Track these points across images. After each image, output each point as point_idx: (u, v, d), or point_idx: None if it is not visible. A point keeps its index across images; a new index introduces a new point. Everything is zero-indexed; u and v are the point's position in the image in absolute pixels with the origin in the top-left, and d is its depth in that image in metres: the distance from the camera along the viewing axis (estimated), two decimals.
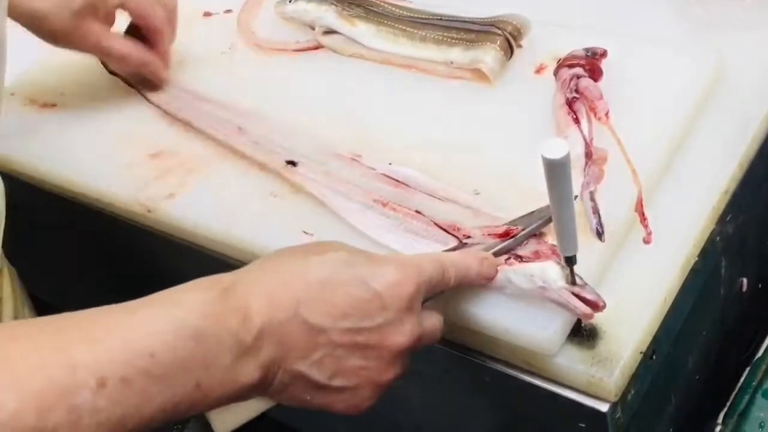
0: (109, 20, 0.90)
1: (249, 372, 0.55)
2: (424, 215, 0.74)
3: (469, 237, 0.71)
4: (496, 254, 0.68)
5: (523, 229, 0.69)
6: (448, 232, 0.72)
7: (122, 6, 0.89)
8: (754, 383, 0.83)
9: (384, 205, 0.76)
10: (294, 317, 0.57)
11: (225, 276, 0.58)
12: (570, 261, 0.62)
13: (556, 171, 0.55)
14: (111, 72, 0.98)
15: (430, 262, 0.62)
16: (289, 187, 0.81)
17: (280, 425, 1.16)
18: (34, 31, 0.87)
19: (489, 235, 0.70)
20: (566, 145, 0.53)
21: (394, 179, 0.78)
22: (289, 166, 0.81)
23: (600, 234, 0.69)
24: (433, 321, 0.63)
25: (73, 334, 0.51)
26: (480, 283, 0.67)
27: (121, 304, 0.55)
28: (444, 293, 0.64)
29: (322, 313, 0.57)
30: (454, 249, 0.70)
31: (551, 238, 0.68)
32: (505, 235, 0.69)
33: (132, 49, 0.91)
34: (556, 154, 0.53)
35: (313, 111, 0.89)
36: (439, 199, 0.75)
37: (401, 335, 0.59)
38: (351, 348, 0.58)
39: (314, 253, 0.60)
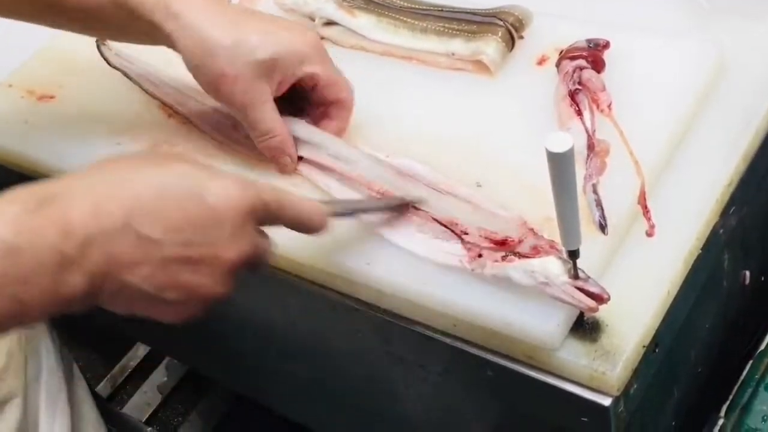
0: (280, 90, 0.78)
1: (74, 283, 0.54)
2: (422, 210, 0.73)
3: (466, 233, 0.70)
4: (340, 214, 0.70)
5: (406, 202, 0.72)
6: (446, 227, 0.71)
7: (312, 77, 0.78)
8: (756, 376, 0.83)
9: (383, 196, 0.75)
10: (123, 228, 0.55)
11: (43, 186, 0.56)
12: (573, 255, 0.62)
13: (560, 164, 0.54)
14: (111, 65, 0.97)
15: (271, 192, 0.62)
16: (290, 179, 0.81)
17: (289, 423, 1.16)
18: (197, 67, 0.75)
19: (486, 238, 0.69)
20: (570, 139, 0.53)
21: (396, 169, 0.77)
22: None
23: (603, 227, 0.68)
24: (265, 241, 0.63)
25: None
26: (309, 234, 0.67)
27: None
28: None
29: (155, 225, 0.56)
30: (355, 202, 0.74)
31: (546, 233, 0.67)
32: (502, 244, 0.68)
33: (282, 131, 0.78)
34: (560, 148, 0.53)
35: None
36: (438, 191, 0.74)
37: (233, 252, 0.59)
38: (183, 262, 0.58)
39: (151, 163, 0.60)
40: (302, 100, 0.81)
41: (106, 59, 0.97)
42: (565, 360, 0.64)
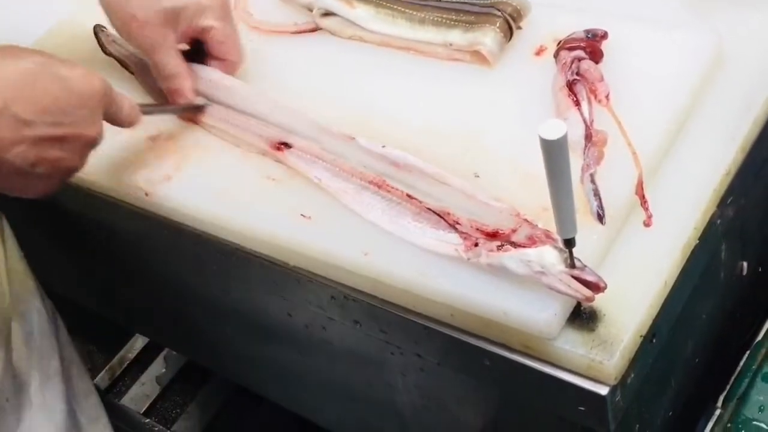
0: (182, 40, 0.86)
1: None
2: (417, 199, 0.73)
3: (458, 223, 0.71)
4: (147, 112, 0.82)
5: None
6: (440, 217, 0.71)
7: (209, 29, 0.86)
8: (753, 367, 0.83)
9: (379, 186, 0.75)
10: (3, 110, 0.65)
11: None
12: (569, 243, 0.62)
13: (554, 152, 0.54)
14: (107, 53, 0.97)
15: (110, 86, 0.74)
16: (286, 170, 0.81)
17: (287, 413, 1.16)
18: (111, 6, 0.84)
19: (477, 229, 0.69)
20: (564, 126, 0.53)
21: (390, 159, 0.77)
22: (283, 147, 0.81)
23: (601, 217, 0.68)
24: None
25: None
26: (124, 125, 0.78)
27: None
28: None
29: (30, 108, 0.66)
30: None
31: (543, 223, 0.67)
32: (493, 236, 0.68)
33: (179, 70, 0.85)
34: (553, 135, 0.53)
35: (310, 93, 0.88)
36: (430, 181, 0.74)
37: (93, 131, 0.71)
38: (52, 140, 0.68)
39: (8, 55, 0.69)
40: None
41: (101, 45, 0.97)
42: (563, 349, 0.65)
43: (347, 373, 0.92)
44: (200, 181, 0.83)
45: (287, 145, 0.81)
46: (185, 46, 0.88)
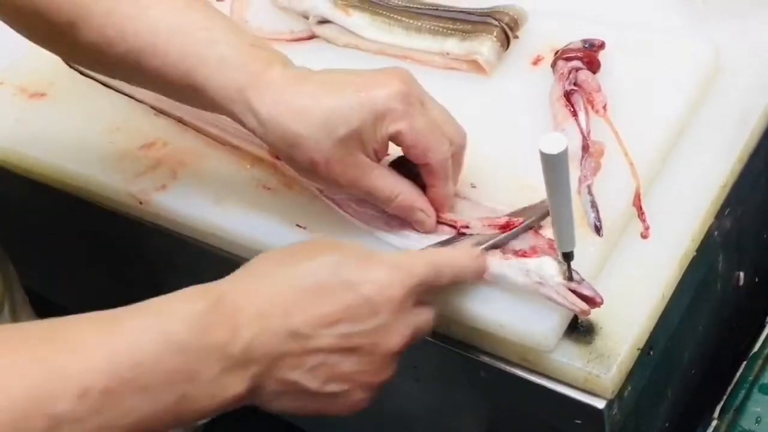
0: (381, 153, 0.70)
1: (236, 384, 0.55)
2: None
3: (467, 227, 0.70)
4: (491, 247, 0.67)
5: (522, 222, 0.68)
6: (445, 224, 0.71)
7: (397, 135, 0.68)
8: (750, 378, 0.82)
9: None
10: (284, 327, 0.57)
11: (213, 286, 0.58)
12: (567, 257, 0.62)
13: (554, 166, 0.54)
14: (71, 67, 0.96)
15: (423, 265, 0.62)
16: (282, 180, 0.80)
17: (282, 423, 1.15)
18: (287, 159, 0.70)
19: (489, 226, 0.69)
20: (565, 140, 0.53)
21: None
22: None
23: (598, 229, 0.68)
24: (424, 317, 0.62)
25: (56, 344, 0.51)
26: (473, 281, 0.67)
27: (107, 312, 0.54)
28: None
29: (313, 321, 0.57)
30: (448, 241, 0.70)
31: (548, 233, 0.67)
32: (506, 227, 0.68)
33: (402, 189, 0.71)
34: (554, 149, 0.53)
35: None
36: None
37: (393, 338, 0.60)
38: (343, 353, 0.58)
39: (304, 257, 0.60)
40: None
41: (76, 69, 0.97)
42: (560, 362, 0.64)
43: None
44: (196, 190, 0.82)
45: None
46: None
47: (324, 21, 0.94)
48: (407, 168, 0.71)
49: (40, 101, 0.98)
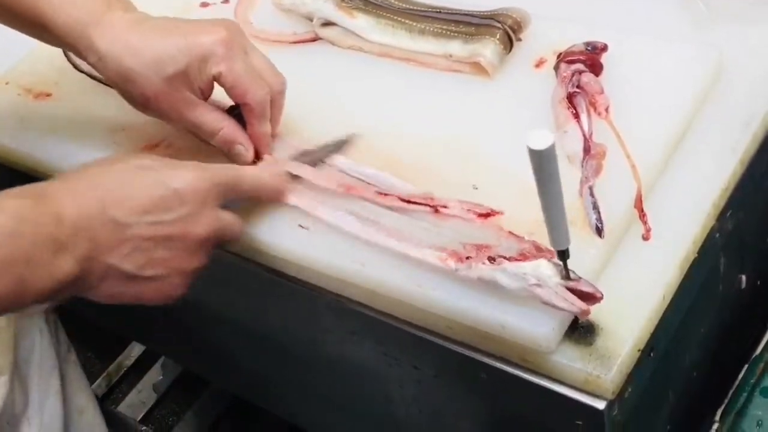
0: (206, 91, 0.79)
1: (67, 267, 0.63)
2: (391, 195, 0.74)
3: (445, 207, 0.71)
4: (308, 160, 0.80)
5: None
6: (420, 204, 0.72)
7: (218, 76, 0.77)
8: (752, 381, 0.82)
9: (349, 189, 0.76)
10: (101, 215, 0.65)
11: (38, 185, 0.67)
12: (563, 255, 0.62)
13: (543, 162, 0.54)
14: (78, 69, 0.97)
15: (225, 169, 0.73)
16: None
17: (284, 423, 1.16)
18: (122, 92, 0.79)
19: (469, 210, 0.70)
20: (551, 136, 0.53)
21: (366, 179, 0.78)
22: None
23: (600, 230, 0.68)
24: (230, 219, 0.73)
25: None
26: (275, 198, 0.77)
27: None
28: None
29: (127, 210, 0.66)
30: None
31: (539, 237, 0.67)
32: (486, 216, 0.68)
33: (224, 124, 0.80)
34: (541, 145, 0.53)
35: (309, 103, 0.88)
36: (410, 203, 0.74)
37: (200, 226, 0.69)
38: (156, 240, 0.67)
39: (118, 160, 0.70)
40: None
41: (73, 64, 0.98)
42: (560, 363, 0.64)
43: (344, 384, 0.91)
44: None
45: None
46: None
47: (328, 23, 0.94)
48: (238, 115, 0.80)
49: (45, 101, 0.98)
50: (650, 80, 0.79)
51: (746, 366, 0.84)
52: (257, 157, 0.81)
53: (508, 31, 0.85)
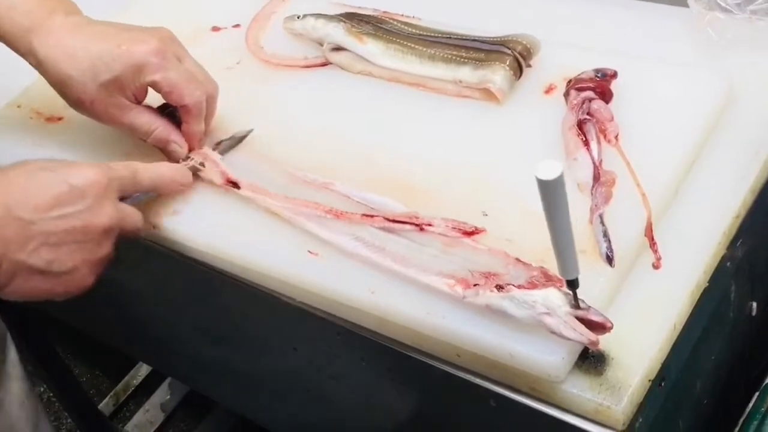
0: (140, 96, 0.85)
1: None
2: (378, 216, 0.75)
3: (430, 225, 0.72)
4: (197, 167, 0.85)
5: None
6: (405, 222, 0.73)
7: (154, 84, 0.83)
8: (763, 408, 0.82)
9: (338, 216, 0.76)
10: (7, 216, 0.68)
11: None
12: (572, 284, 0.61)
13: (551, 192, 0.54)
14: None
15: (122, 165, 0.78)
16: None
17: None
18: (60, 94, 0.85)
19: (454, 228, 0.70)
20: (560, 166, 0.53)
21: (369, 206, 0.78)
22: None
23: (610, 259, 0.68)
24: (131, 211, 0.77)
25: None
26: (176, 189, 0.83)
27: None
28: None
29: (32, 208, 0.69)
30: None
31: (549, 264, 0.67)
32: (471, 234, 0.68)
33: (156, 124, 0.86)
34: (550, 175, 0.53)
35: (318, 127, 0.89)
36: (417, 226, 0.74)
37: (101, 217, 0.73)
38: (61, 234, 0.71)
39: (17, 166, 0.73)
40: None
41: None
42: (570, 393, 0.64)
43: (352, 409, 0.91)
44: (208, 215, 0.83)
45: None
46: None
47: (338, 48, 0.95)
48: (171, 113, 0.87)
49: (57, 125, 0.99)
50: (660, 108, 0.79)
51: (757, 393, 0.83)
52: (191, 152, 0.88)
53: (517, 58, 0.85)
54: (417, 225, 0.73)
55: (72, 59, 0.82)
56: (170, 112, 0.87)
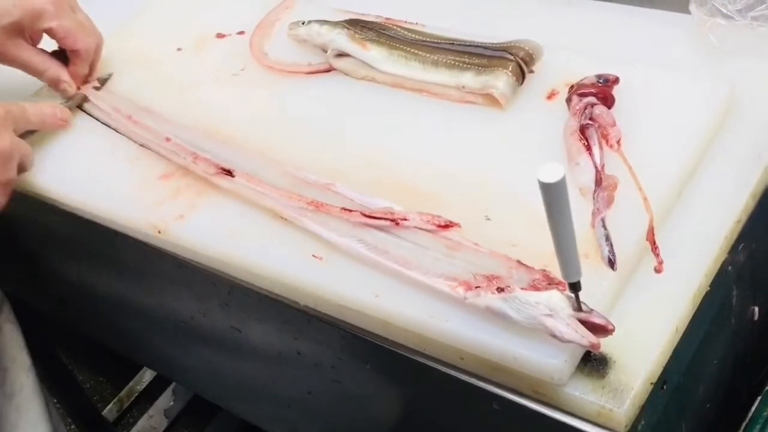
0: (35, 39, 0.99)
1: None
2: (355, 211, 0.76)
3: (405, 219, 0.73)
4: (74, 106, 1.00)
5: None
6: (381, 218, 0.75)
7: (50, 30, 0.96)
8: (765, 413, 0.82)
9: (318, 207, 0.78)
10: None
11: None
12: (574, 287, 0.62)
13: (554, 195, 0.54)
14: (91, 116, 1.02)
15: (11, 103, 0.90)
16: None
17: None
18: None
19: (428, 221, 0.72)
20: (562, 169, 0.53)
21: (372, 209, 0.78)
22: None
23: (612, 263, 0.68)
24: (24, 144, 0.91)
25: None
26: (58, 125, 0.98)
27: None
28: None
29: None
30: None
31: (553, 268, 0.67)
32: (446, 227, 0.69)
33: (48, 64, 0.99)
34: (552, 178, 0.53)
35: (322, 133, 0.89)
36: (420, 230, 0.74)
37: (2, 141, 0.86)
38: None
39: None
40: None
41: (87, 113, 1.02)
42: (572, 395, 0.64)
43: (357, 412, 0.91)
44: (213, 220, 0.83)
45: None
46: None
47: (342, 54, 0.95)
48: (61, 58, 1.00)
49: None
50: (662, 113, 0.80)
51: (759, 398, 0.83)
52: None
53: (520, 63, 0.86)
54: (392, 220, 0.74)
55: None
56: (60, 56, 1.00)
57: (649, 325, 0.67)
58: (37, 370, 1.14)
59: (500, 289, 0.66)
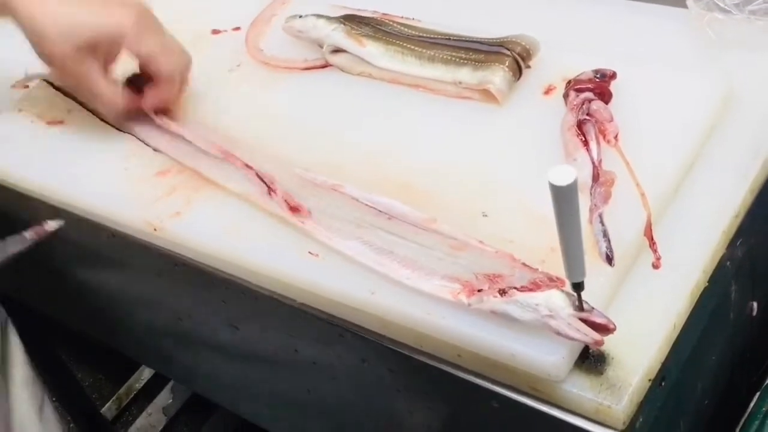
0: (108, 63, 0.90)
1: None
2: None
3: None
4: None
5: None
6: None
7: (135, 57, 0.89)
8: (764, 409, 0.82)
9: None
10: None
11: None
12: (577, 287, 0.62)
13: (564, 198, 0.54)
14: (56, 88, 1.01)
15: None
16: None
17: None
18: (33, 46, 0.87)
19: (477, 275, 0.69)
20: (574, 172, 0.53)
21: (377, 208, 0.77)
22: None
23: (610, 258, 0.68)
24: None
25: None
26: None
27: None
28: None
29: None
30: None
31: (550, 265, 0.67)
32: (495, 280, 0.68)
33: (119, 97, 0.92)
34: (563, 181, 0.53)
35: (319, 129, 0.89)
36: (423, 229, 0.74)
37: None
38: None
39: None
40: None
41: (80, 103, 1.00)
42: (570, 392, 0.64)
43: (354, 410, 0.91)
44: (209, 218, 0.83)
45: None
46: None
47: (338, 50, 0.95)
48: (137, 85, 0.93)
49: (58, 128, 0.99)
50: (660, 108, 0.79)
51: (758, 393, 0.83)
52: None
53: (517, 59, 0.85)
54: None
55: (52, 16, 0.85)
56: (135, 83, 0.93)
57: (647, 321, 0.66)
58: (36, 368, 1.14)
59: (502, 292, 0.65)
